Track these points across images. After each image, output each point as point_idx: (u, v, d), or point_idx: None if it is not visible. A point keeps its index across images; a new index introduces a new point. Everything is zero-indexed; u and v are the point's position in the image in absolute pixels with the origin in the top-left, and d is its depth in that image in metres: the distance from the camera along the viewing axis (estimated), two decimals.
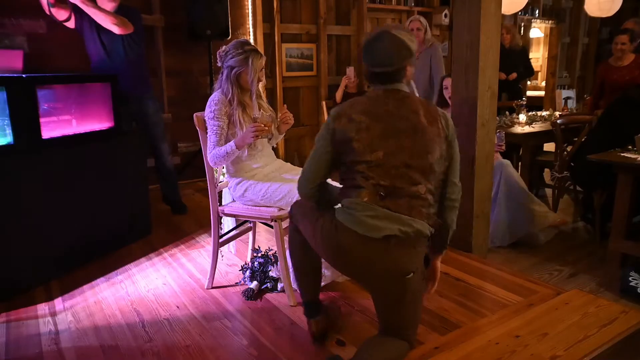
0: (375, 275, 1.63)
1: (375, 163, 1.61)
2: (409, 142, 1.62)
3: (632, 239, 2.83)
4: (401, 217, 1.58)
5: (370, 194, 1.60)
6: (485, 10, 2.63)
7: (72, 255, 2.72)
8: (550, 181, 3.97)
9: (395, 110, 1.65)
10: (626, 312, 2.06)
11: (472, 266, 2.68)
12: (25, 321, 2.21)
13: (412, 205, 1.60)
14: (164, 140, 3.62)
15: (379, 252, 1.58)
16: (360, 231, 1.58)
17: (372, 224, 1.57)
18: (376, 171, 1.61)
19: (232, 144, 2.20)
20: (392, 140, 1.62)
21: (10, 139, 2.45)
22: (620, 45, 4.17)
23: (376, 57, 1.67)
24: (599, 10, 4.71)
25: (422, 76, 3.85)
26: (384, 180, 1.60)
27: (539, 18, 7.34)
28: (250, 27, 4.79)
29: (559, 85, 7.71)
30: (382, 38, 1.66)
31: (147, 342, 2.03)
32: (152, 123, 3.50)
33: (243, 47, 2.24)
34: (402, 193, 1.60)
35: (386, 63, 1.65)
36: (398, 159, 1.60)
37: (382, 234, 1.56)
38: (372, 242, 1.57)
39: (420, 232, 1.61)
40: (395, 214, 1.58)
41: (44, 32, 3.73)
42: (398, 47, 1.65)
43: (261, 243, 2.97)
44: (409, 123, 1.63)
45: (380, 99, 1.67)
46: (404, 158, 1.61)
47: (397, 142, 1.61)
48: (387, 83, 1.69)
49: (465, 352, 1.83)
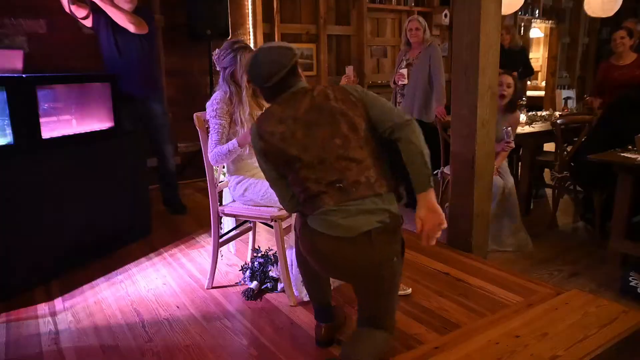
0: (361, 270, 1.63)
1: (315, 162, 1.61)
2: (334, 128, 1.62)
3: (632, 239, 2.83)
4: (372, 205, 1.58)
5: (331, 196, 1.60)
6: (485, 10, 2.63)
7: (72, 255, 2.72)
8: (550, 181, 3.97)
9: (308, 106, 1.66)
10: (626, 312, 2.07)
11: (472, 266, 2.68)
12: (25, 321, 2.21)
13: (368, 180, 1.60)
14: (168, 142, 3.65)
15: (363, 248, 1.57)
16: (337, 234, 1.58)
17: (347, 225, 1.57)
18: (320, 169, 1.61)
19: (235, 142, 2.22)
20: (320, 134, 1.62)
21: (10, 139, 2.45)
22: (620, 40, 4.17)
23: (261, 74, 1.68)
24: (602, 10, 4.71)
25: (421, 76, 3.83)
26: (332, 175, 1.60)
27: (539, 18, 7.34)
28: (250, 27, 4.80)
29: (559, 85, 7.71)
30: (256, 57, 1.70)
31: (147, 342, 2.03)
32: (158, 124, 3.54)
33: (232, 47, 2.30)
34: (354, 175, 1.60)
35: (273, 73, 1.66)
36: (333, 148, 1.61)
37: (361, 231, 1.56)
38: (353, 241, 1.57)
39: (392, 213, 1.60)
40: (365, 202, 1.58)
41: (44, 32, 3.74)
42: (274, 54, 1.68)
43: (261, 243, 2.96)
44: (326, 111, 1.64)
45: (290, 102, 1.68)
46: (338, 143, 1.61)
47: (324, 134, 1.62)
48: (287, 89, 1.70)
49: (465, 352, 1.83)
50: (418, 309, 2.24)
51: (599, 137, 3.30)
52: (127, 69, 3.28)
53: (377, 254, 1.59)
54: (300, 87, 1.71)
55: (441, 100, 3.81)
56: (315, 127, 1.63)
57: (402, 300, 2.31)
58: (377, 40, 5.99)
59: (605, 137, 3.22)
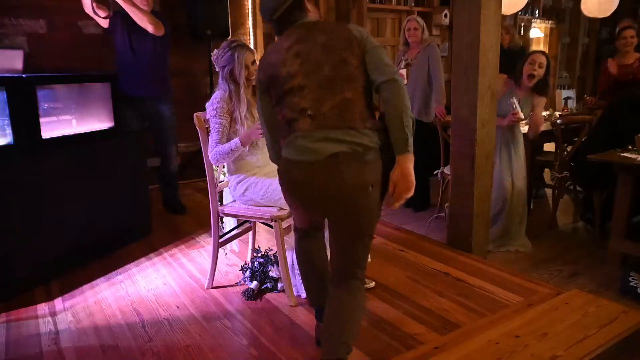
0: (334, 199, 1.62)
1: (296, 88, 1.63)
2: (325, 59, 1.63)
3: (632, 239, 2.83)
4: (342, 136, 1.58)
5: (302, 122, 1.62)
6: (485, 10, 2.63)
7: (72, 255, 2.72)
8: (550, 181, 3.97)
9: (304, 35, 1.68)
10: (626, 312, 2.07)
11: (472, 266, 2.68)
12: (25, 321, 2.22)
13: (342, 113, 1.60)
14: (173, 143, 3.68)
15: (331, 172, 1.58)
16: (307, 158, 1.60)
17: (315, 148, 1.59)
18: (299, 95, 1.63)
19: (237, 140, 2.23)
20: (309, 61, 1.64)
21: (10, 139, 2.45)
22: (630, 39, 4.15)
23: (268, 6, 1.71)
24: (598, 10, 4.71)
25: (420, 76, 3.83)
26: (307, 102, 1.62)
27: (539, 18, 7.34)
28: (250, 27, 4.80)
29: (559, 85, 7.71)
30: None
31: (147, 342, 2.03)
32: (165, 125, 3.58)
33: (230, 45, 2.32)
34: (329, 105, 1.61)
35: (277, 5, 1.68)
36: (317, 77, 1.62)
37: (328, 153, 1.57)
38: (322, 165, 1.58)
39: (365, 146, 1.59)
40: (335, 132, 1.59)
41: (44, 32, 3.74)
42: None
43: (261, 243, 2.97)
44: (321, 40, 1.65)
45: (291, 34, 1.70)
46: (324, 73, 1.62)
47: (313, 62, 1.63)
48: (293, 23, 1.72)
49: (465, 352, 1.83)
50: (418, 309, 2.24)
51: (599, 137, 3.30)
52: (140, 69, 3.36)
53: (346, 179, 1.58)
54: (305, 21, 1.73)
55: (441, 100, 3.81)
56: (307, 55, 1.65)
57: (402, 300, 2.32)
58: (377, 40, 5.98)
59: (605, 137, 3.22)
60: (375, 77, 1.63)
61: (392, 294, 2.38)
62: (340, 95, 1.61)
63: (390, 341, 1.99)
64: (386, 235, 3.19)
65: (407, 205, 4.21)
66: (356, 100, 1.63)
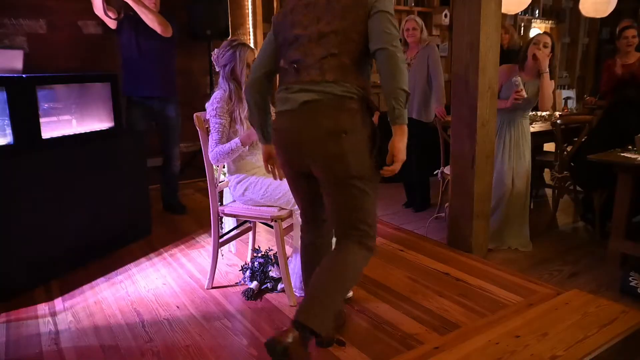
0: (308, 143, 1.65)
1: (291, 39, 1.69)
2: (324, 11, 1.65)
3: (632, 239, 2.83)
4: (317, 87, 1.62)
5: (289, 74, 1.70)
6: (485, 10, 2.63)
7: (72, 255, 2.72)
8: (550, 181, 3.97)
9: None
10: (626, 312, 2.07)
11: (472, 266, 2.68)
12: (25, 321, 2.21)
13: (323, 67, 1.62)
14: (177, 144, 3.70)
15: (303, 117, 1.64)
16: (287, 107, 1.68)
17: (292, 97, 1.66)
18: (294, 46, 1.69)
19: (237, 140, 2.23)
20: (310, 15, 1.67)
21: (10, 139, 2.45)
22: (632, 39, 4.15)
23: None
24: (594, 10, 4.71)
25: (419, 76, 3.83)
26: (298, 54, 1.67)
27: (539, 18, 7.34)
28: (250, 27, 4.79)
29: (559, 85, 7.70)
30: None
31: (147, 342, 2.03)
32: (171, 126, 3.60)
33: (231, 44, 2.33)
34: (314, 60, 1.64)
35: None
36: (313, 29, 1.65)
37: (301, 100, 1.63)
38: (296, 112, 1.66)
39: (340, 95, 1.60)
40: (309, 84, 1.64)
41: (44, 32, 3.74)
42: None
43: (261, 243, 2.97)
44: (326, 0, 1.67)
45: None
46: (319, 27, 1.65)
47: (314, 14, 1.67)
48: None
49: (465, 352, 1.83)
50: (418, 309, 2.24)
51: (599, 137, 3.30)
52: (146, 70, 3.37)
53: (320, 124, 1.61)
54: None
55: (440, 100, 3.80)
56: (313, 7, 1.68)
57: (402, 300, 2.32)
58: None
59: (605, 137, 3.22)
60: (371, 44, 1.61)
61: (392, 294, 2.38)
62: (328, 52, 1.63)
63: (390, 341, 1.99)
64: (386, 235, 3.19)
65: (407, 205, 4.21)
66: (346, 61, 1.63)
